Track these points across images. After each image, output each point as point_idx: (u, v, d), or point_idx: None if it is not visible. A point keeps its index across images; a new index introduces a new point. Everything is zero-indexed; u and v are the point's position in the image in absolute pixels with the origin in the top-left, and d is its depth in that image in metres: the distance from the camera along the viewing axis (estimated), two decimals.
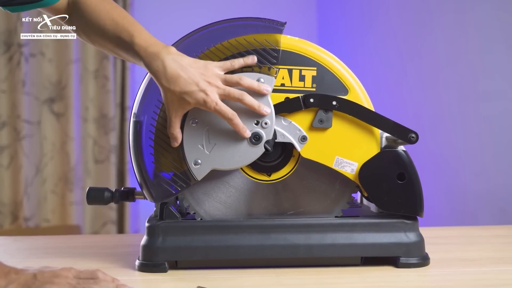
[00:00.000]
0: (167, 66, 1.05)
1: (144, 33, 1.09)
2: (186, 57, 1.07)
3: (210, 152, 1.11)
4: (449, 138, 2.55)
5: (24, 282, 0.86)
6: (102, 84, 3.18)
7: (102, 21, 1.09)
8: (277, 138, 1.14)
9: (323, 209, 1.17)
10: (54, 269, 0.91)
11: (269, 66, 1.12)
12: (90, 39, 1.15)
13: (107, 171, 3.18)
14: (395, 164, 1.14)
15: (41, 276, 0.88)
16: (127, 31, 1.08)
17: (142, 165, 1.14)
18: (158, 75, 1.06)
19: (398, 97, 2.85)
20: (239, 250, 1.13)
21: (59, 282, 0.86)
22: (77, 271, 0.92)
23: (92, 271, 0.93)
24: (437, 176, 2.53)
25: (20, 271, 0.88)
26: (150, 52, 1.06)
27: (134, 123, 1.14)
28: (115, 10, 1.10)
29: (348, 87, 1.14)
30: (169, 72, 1.05)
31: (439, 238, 1.42)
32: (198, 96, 1.05)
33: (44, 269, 0.90)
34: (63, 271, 0.90)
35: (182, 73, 1.05)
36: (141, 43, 1.07)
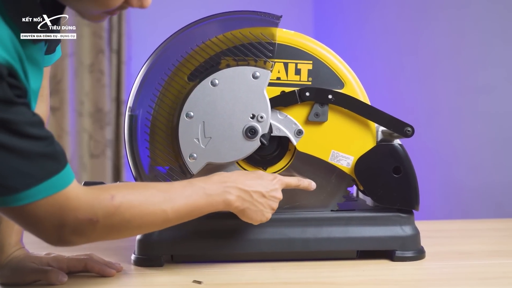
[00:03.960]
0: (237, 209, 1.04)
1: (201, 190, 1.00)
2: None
3: (205, 146, 1.12)
4: (446, 132, 2.55)
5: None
6: (97, 78, 3.18)
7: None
8: (273, 132, 1.14)
9: (319, 203, 1.17)
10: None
11: (265, 59, 1.12)
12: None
13: (102, 165, 3.17)
14: (391, 157, 1.14)
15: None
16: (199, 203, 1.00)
17: (137, 159, 1.14)
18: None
19: (395, 91, 2.85)
20: (235, 244, 1.13)
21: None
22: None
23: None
24: (433, 170, 2.54)
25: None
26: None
27: (129, 117, 1.14)
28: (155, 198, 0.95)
29: (344, 80, 1.14)
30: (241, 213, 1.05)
31: (435, 231, 1.42)
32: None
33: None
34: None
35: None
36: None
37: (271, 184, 1.06)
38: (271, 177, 1.08)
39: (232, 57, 1.12)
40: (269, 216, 1.07)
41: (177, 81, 1.13)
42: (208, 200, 0.99)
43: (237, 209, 1.03)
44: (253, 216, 1.05)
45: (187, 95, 1.11)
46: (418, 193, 1.16)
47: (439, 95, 2.61)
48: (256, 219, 1.06)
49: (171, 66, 1.13)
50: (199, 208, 0.98)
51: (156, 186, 0.96)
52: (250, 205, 1.04)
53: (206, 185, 0.99)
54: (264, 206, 1.05)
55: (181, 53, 1.13)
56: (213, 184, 1.00)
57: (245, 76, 1.11)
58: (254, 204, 1.04)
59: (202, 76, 1.12)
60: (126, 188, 0.92)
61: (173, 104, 1.13)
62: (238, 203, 1.02)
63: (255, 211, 1.05)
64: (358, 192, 1.37)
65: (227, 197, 1.01)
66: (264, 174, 1.07)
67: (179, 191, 0.96)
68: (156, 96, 1.13)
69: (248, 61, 1.12)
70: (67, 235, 0.86)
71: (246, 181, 1.03)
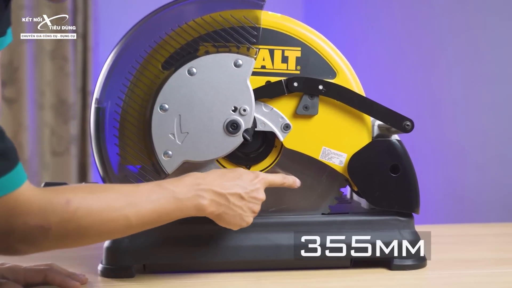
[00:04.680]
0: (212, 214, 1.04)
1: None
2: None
3: (182, 142, 1.12)
4: (449, 126, 2.57)
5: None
6: (60, 66, 3.16)
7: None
8: (257, 126, 1.14)
9: (309, 206, 1.18)
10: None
11: (248, 46, 1.12)
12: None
13: (66, 164, 3.16)
14: (388, 155, 1.15)
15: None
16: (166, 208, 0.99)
17: (105, 157, 1.14)
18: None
19: (392, 80, 2.86)
20: (215, 252, 1.13)
21: None
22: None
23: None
24: (435, 169, 2.56)
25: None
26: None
27: (96, 110, 1.14)
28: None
29: (336, 69, 1.15)
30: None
31: (437, 237, 1.43)
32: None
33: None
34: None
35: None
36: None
37: (251, 184, 1.06)
38: (251, 176, 1.08)
39: (212, 43, 1.12)
40: (250, 220, 1.07)
41: (150, 69, 1.13)
42: (177, 205, 0.98)
43: (212, 214, 1.03)
44: (231, 221, 1.05)
45: (161, 86, 1.11)
46: (419, 194, 1.17)
47: (442, 86, 2.62)
48: (235, 224, 1.06)
49: (143, 52, 1.13)
50: (167, 214, 0.98)
51: (119, 189, 0.95)
52: (226, 209, 1.04)
53: (177, 188, 0.99)
54: (243, 209, 1.05)
55: (155, 38, 1.13)
56: (184, 187, 1.00)
57: (226, 64, 1.11)
58: (231, 208, 1.04)
59: (178, 64, 1.12)
60: (84, 191, 0.91)
61: (146, 96, 1.13)
62: (213, 208, 1.02)
63: (233, 215, 1.05)
64: (352, 193, 1.38)
65: (200, 202, 1.00)
66: (244, 173, 1.07)
67: (145, 195, 0.96)
68: (126, 87, 1.13)
69: (229, 47, 1.12)
70: (15, 243, 0.85)
71: (222, 183, 1.03)
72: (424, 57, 2.70)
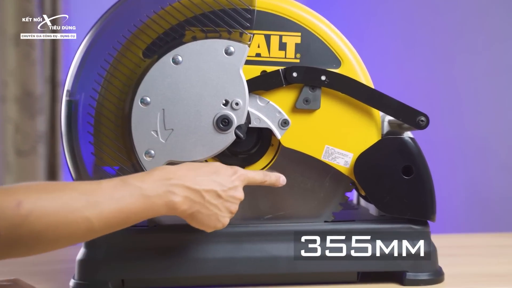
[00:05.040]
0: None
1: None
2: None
3: (166, 141, 1.12)
4: (471, 121, 2.57)
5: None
6: (25, 53, 3.15)
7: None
8: (251, 122, 1.15)
9: (310, 212, 1.19)
10: None
11: (241, 30, 1.13)
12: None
13: (33, 165, 3.15)
14: (400, 154, 1.16)
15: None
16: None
17: (78, 157, 1.14)
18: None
19: (405, 70, 2.86)
20: (203, 265, 1.14)
21: None
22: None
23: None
24: (454, 170, 2.56)
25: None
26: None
27: (67, 103, 1.15)
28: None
29: (341, 57, 1.16)
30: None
31: (456, 248, 1.44)
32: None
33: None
34: None
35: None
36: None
37: (229, 180, 1.07)
38: (229, 171, 1.08)
39: (200, 28, 1.13)
40: (226, 222, 1.07)
41: (129, 57, 1.13)
42: (146, 203, 0.98)
43: (184, 213, 1.03)
44: (205, 221, 1.05)
45: (142, 76, 1.12)
46: (435, 199, 1.18)
47: (462, 76, 2.62)
48: (209, 225, 1.06)
49: (122, 38, 1.13)
50: (134, 214, 0.97)
51: (78, 187, 0.94)
52: (201, 208, 1.03)
53: (144, 183, 0.98)
54: (219, 209, 1.05)
55: (134, 22, 1.13)
56: (153, 182, 0.99)
57: (216, 51, 1.12)
58: (207, 206, 1.04)
59: (161, 51, 1.13)
60: (37, 191, 0.90)
61: (124, 87, 1.13)
62: (185, 205, 1.02)
63: (208, 215, 1.05)
64: (359, 198, 1.39)
65: (171, 199, 1.00)
66: (222, 168, 1.07)
67: (108, 193, 0.95)
68: (102, 77, 1.13)
69: (219, 32, 1.13)
70: None
71: (196, 178, 1.03)
72: (442, 44, 2.70)
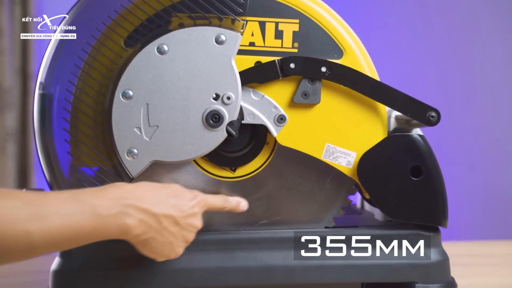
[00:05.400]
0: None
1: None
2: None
3: (150, 138, 1.13)
4: (488, 117, 2.57)
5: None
6: None
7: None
8: (245, 118, 1.16)
9: (309, 217, 1.20)
10: None
11: (233, 17, 1.13)
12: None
13: (2, 166, 3.15)
14: (408, 154, 1.17)
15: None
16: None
17: (53, 157, 1.15)
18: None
19: (414, 60, 2.86)
20: (191, 276, 1.15)
21: None
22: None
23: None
24: (468, 171, 2.56)
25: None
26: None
27: (41, 97, 1.15)
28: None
29: (343, 47, 1.16)
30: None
31: (470, 256, 1.45)
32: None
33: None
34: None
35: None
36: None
37: (189, 206, 1.06)
38: (189, 196, 1.07)
39: (187, 14, 1.13)
40: (181, 252, 1.07)
41: (110, 46, 1.14)
42: (97, 222, 0.96)
43: (137, 239, 1.02)
44: (158, 249, 1.04)
45: (124, 67, 1.12)
46: (446, 203, 1.18)
47: (477, 68, 2.63)
48: (162, 253, 1.05)
49: (101, 25, 1.14)
50: (82, 234, 0.95)
51: (21, 196, 0.93)
52: (156, 235, 1.02)
53: (97, 200, 0.97)
54: (176, 237, 1.05)
55: (115, 7, 1.14)
56: (107, 201, 0.98)
57: (205, 40, 1.12)
58: (163, 233, 1.03)
59: (144, 40, 1.13)
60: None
61: (104, 80, 1.14)
62: (140, 230, 1.00)
63: (162, 243, 1.04)
64: (363, 202, 1.40)
65: (125, 221, 0.98)
66: (182, 192, 1.07)
67: (55, 207, 0.93)
68: (80, 68, 1.14)
69: (209, 19, 1.13)
70: None
71: (155, 200, 1.02)
72: (455, 33, 2.70)
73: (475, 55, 2.63)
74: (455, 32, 2.71)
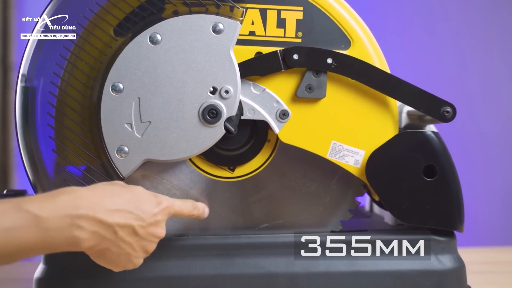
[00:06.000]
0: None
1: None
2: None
3: (142, 135, 1.13)
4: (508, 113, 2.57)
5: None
6: None
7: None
8: (244, 114, 1.16)
9: (313, 220, 1.21)
10: None
11: (232, 4, 1.14)
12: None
13: None
14: (421, 152, 1.17)
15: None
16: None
17: (37, 155, 1.15)
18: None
19: (428, 51, 2.85)
20: (187, 283, 1.15)
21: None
22: None
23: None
24: (487, 171, 2.56)
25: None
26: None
27: (23, 90, 1.15)
28: None
29: (351, 37, 1.17)
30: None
31: (488, 264, 1.45)
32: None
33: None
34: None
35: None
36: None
37: (151, 214, 1.04)
38: (153, 201, 1.05)
39: (182, 0, 1.13)
40: (139, 263, 1.06)
41: (98, 35, 1.14)
42: (42, 237, 0.92)
43: (90, 250, 1.00)
44: (114, 260, 1.03)
45: (114, 58, 1.12)
46: (462, 205, 1.19)
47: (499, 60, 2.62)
48: (118, 264, 1.04)
49: (88, 12, 1.14)
50: (26, 249, 0.93)
51: None
52: (111, 246, 1.00)
53: (44, 211, 0.92)
54: (133, 248, 1.03)
55: None
56: (55, 211, 0.94)
57: (201, 29, 1.12)
58: (118, 244, 1.01)
59: (136, 28, 1.13)
60: None
61: (92, 72, 1.14)
62: (92, 242, 0.98)
63: (117, 254, 1.02)
64: (372, 204, 1.41)
65: (75, 234, 0.95)
66: (144, 196, 1.05)
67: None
68: (66, 59, 1.14)
69: (206, 6, 1.14)
70: None
71: (111, 208, 1.00)
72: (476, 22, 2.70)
73: (496, 47, 2.63)
74: (476, 22, 2.70)
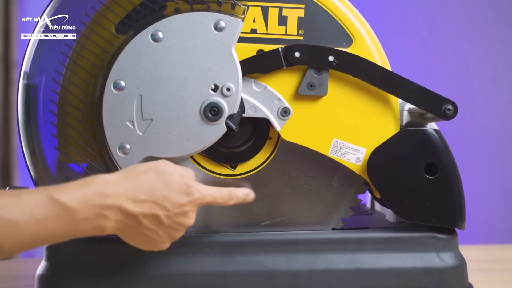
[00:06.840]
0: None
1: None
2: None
3: (143, 133, 1.13)
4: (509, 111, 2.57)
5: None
6: None
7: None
8: (246, 111, 1.16)
9: (315, 218, 1.21)
10: None
11: (234, 2, 1.14)
12: None
13: None
14: (422, 150, 1.18)
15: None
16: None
17: (39, 152, 1.16)
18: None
19: (430, 49, 2.85)
20: (188, 281, 1.15)
21: None
22: None
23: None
24: (489, 168, 2.56)
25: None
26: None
27: (25, 88, 1.16)
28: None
29: (353, 34, 1.17)
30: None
31: (490, 261, 1.45)
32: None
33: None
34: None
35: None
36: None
37: (178, 204, 1.02)
38: (184, 191, 1.03)
39: None
40: (166, 247, 1.06)
41: (100, 33, 1.14)
42: (71, 227, 0.94)
43: (114, 232, 1.01)
44: (139, 243, 1.04)
45: (115, 55, 1.13)
46: (464, 203, 1.19)
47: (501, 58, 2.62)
48: (144, 247, 1.05)
49: (90, 10, 1.14)
50: (55, 237, 0.94)
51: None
52: (135, 233, 1.02)
53: (74, 202, 0.94)
54: (158, 234, 1.03)
55: None
56: (85, 202, 0.94)
57: (203, 26, 1.13)
58: (142, 232, 1.01)
59: (138, 26, 1.14)
60: None
61: (94, 69, 1.14)
62: (115, 229, 0.99)
63: (143, 239, 1.03)
64: (373, 201, 1.41)
65: (101, 223, 0.97)
66: (176, 185, 1.03)
67: (29, 210, 0.91)
68: (68, 57, 1.14)
69: (208, 3, 1.14)
70: None
71: (137, 196, 0.99)
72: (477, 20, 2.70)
73: (497, 45, 2.63)
74: (476, 19, 2.70)
